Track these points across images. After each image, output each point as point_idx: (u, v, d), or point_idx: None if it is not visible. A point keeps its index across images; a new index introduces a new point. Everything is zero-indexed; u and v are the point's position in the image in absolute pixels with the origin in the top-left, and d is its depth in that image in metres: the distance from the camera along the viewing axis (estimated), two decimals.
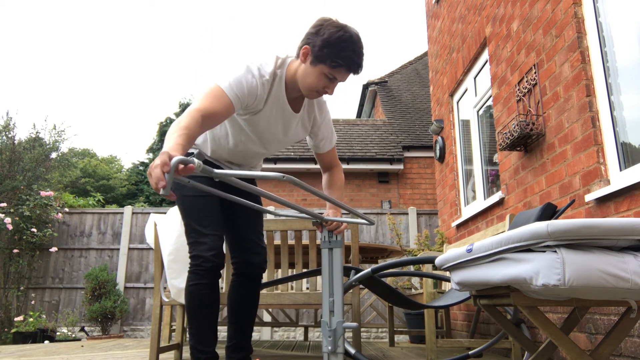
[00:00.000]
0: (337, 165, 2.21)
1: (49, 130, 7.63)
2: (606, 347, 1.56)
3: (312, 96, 1.90)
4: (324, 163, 2.20)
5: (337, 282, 1.71)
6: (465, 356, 2.91)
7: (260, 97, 1.85)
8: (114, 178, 22.03)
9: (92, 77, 59.03)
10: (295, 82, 1.88)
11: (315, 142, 2.14)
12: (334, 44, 1.75)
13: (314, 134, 2.11)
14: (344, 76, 1.82)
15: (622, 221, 1.35)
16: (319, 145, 2.14)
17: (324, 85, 1.83)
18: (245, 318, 2.15)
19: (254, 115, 1.91)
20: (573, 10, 2.77)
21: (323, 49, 1.76)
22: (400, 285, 5.54)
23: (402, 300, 2.79)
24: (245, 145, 2.03)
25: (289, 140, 2.09)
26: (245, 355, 2.13)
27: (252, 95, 1.81)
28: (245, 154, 2.09)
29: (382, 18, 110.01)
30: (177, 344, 3.13)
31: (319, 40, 1.77)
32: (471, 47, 4.55)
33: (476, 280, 1.66)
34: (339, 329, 1.61)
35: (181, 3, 74.04)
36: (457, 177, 5.04)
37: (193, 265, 1.96)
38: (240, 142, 2.02)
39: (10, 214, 6.53)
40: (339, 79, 1.83)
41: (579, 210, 2.68)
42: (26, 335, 5.88)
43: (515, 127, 3.22)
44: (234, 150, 2.06)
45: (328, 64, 1.77)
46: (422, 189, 8.86)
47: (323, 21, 1.81)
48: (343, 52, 1.75)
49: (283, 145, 2.12)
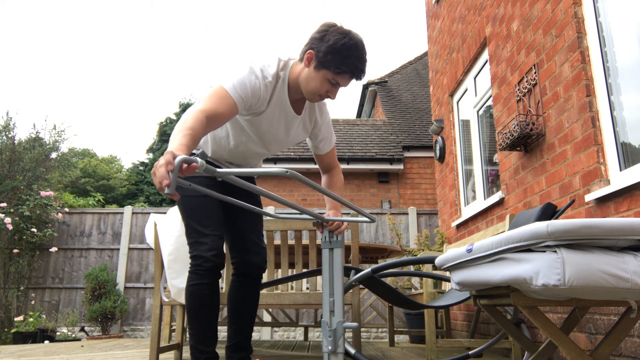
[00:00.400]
0: (336, 167, 2.23)
1: (49, 130, 7.64)
2: (606, 347, 1.56)
3: (314, 100, 1.92)
4: (323, 164, 2.21)
5: (337, 282, 1.71)
6: (465, 356, 2.91)
7: (263, 98, 1.86)
8: (114, 178, 22.03)
9: (92, 77, 59.07)
10: (298, 84, 1.90)
11: (315, 143, 2.15)
12: (339, 51, 1.77)
13: (314, 135, 2.12)
14: (346, 82, 1.84)
15: (622, 221, 1.35)
16: (318, 146, 2.15)
17: (327, 90, 1.85)
18: (245, 318, 2.15)
19: (257, 117, 1.92)
20: (573, 10, 2.77)
21: (327, 55, 1.78)
22: (400, 285, 5.54)
23: (402, 300, 2.79)
24: (246, 145, 2.04)
25: (290, 142, 2.10)
26: (245, 355, 2.13)
27: (255, 96, 1.82)
28: (245, 155, 2.10)
29: (382, 18, 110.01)
30: (177, 344, 3.13)
31: (324, 47, 1.78)
32: (471, 47, 4.56)
33: (476, 280, 1.66)
34: (339, 329, 1.61)
35: (181, 3, 74.05)
36: (457, 177, 5.04)
37: (193, 265, 1.96)
38: (241, 142, 2.02)
39: (10, 214, 6.53)
40: (341, 84, 1.85)
41: (579, 210, 2.68)
42: (26, 335, 5.88)
43: (515, 127, 3.22)
44: (235, 151, 2.06)
45: (332, 70, 1.79)
46: (422, 189, 8.86)
47: (328, 27, 1.82)
48: (347, 59, 1.77)
49: (284, 146, 2.13)
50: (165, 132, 21.43)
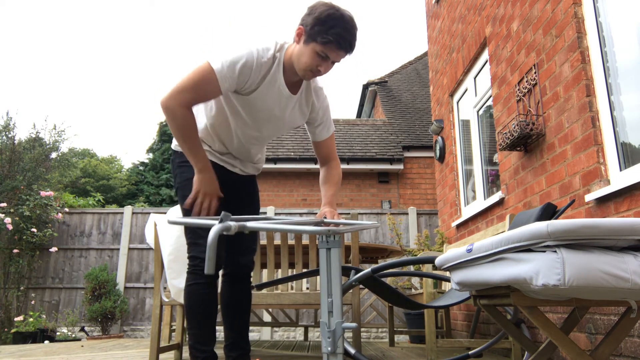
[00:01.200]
0: (334, 159, 2.23)
1: (49, 130, 7.63)
2: (606, 347, 1.56)
3: (307, 76, 1.93)
4: (322, 154, 2.21)
5: (335, 283, 1.71)
6: (465, 356, 2.91)
7: (254, 77, 1.88)
8: (114, 178, 22.02)
9: (92, 77, 59.06)
10: (292, 64, 1.93)
11: (312, 129, 2.16)
12: (324, 21, 1.80)
13: (312, 119, 2.13)
14: (335, 54, 1.85)
15: (622, 221, 1.35)
16: (315, 132, 2.16)
17: (317, 64, 1.86)
18: (238, 317, 2.16)
19: (248, 96, 1.94)
20: (573, 10, 2.77)
21: (314, 27, 1.81)
22: (400, 285, 5.54)
23: (402, 300, 2.79)
24: (242, 130, 2.04)
25: (285, 124, 2.10)
26: (242, 353, 2.14)
27: (245, 75, 1.86)
28: (244, 142, 2.10)
29: (382, 18, 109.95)
30: (177, 344, 3.13)
31: (311, 19, 1.82)
32: (471, 47, 4.55)
33: (476, 280, 1.66)
34: (338, 329, 1.61)
35: (181, 3, 74.01)
36: (457, 177, 5.04)
37: (191, 265, 1.97)
38: (237, 127, 2.03)
39: (10, 214, 6.53)
40: (331, 58, 1.85)
41: (579, 210, 2.68)
42: (26, 335, 5.88)
43: (515, 127, 3.22)
44: (234, 140, 2.08)
45: (319, 41, 1.81)
46: (422, 189, 8.86)
47: (317, 3, 1.86)
48: (333, 28, 1.79)
49: (279, 128, 2.12)
50: (165, 132, 21.39)
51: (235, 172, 2.17)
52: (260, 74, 1.89)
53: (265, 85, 1.92)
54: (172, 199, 19.26)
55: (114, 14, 65.80)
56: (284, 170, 8.87)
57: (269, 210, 7.01)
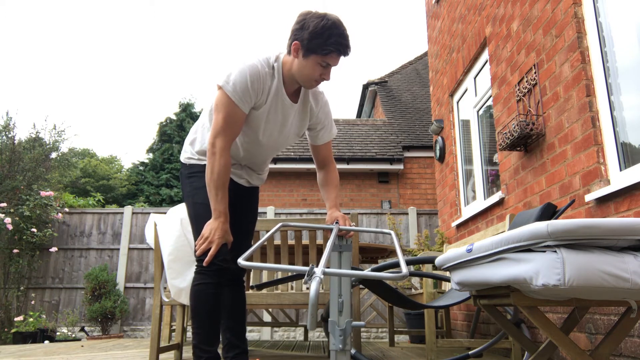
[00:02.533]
0: (331, 162, 2.27)
1: (49, 130, 7.63)
2: (606, 347, 1.56)
3: (311, 86, 2.01)
4: (319, 158, 2.25)
5: (345, 284, 1.76)
6: (465, 356, 2.91)
7: (265, 90, 1.95)
8: (114, 178, 22.03)
9: (92, 77, 59.05)
10: (292, 75, 1.99)
11: (314, 133, 2.20)
12: (320, 33, 1.86)
13: (313, 125, 2.17)
14: (335, 60, 1.93)
15: (622, 221, 1.35)
16: (317, 135, 2.19)
17: (320, 73, 1.94)
18: (233, 318, 2.16)
19: (259, 110, 1.98)
20: (573, 10, 2.77)
21: (312, 41, 1.87)
22: (400, 285, 5.54)
23: (402, 300, 2.79)
24: (252, 145, 2.09)
25: (286, 134, 2.12)
26: (239, 352, 2.14)
27: (257, 90, 1.92)
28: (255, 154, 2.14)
29: (382, 18, 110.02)
30: (177, 344, 3.13)
31: (306, 34, 1.87)
32: (471, 47, 4.56)
33: (476, 280, 1.66)
34: (348, 327, 1.64)
35: (181, 3, 74.07)
36: (457, 177, 5.04)
37: (199, 266, 1.98)
38: (246, 142, 2.07)
39: (10, 214, 6.53)
40: (332, 64, 1.94)
41: (579, 210, 2.68)
42: (26, 335, 5.88)
43: (515, 127, 3.22)
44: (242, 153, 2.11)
45: (319, 53, 1.88)
46: (422, 189, 8.86)
47: (304, 15, 1.92)
48: (331, 38, 1.86)
49: (286, 137, 2.14)
50: (165, 132, 21.40)
51: (241, 183, 2.19)
52: (267, 85, 1.95)
53: (272, 97, 1.99)
54: (172, 199, 19.27)
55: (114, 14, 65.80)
56: (284, 170, 8.88)
57: (269, 211, 7.01)
